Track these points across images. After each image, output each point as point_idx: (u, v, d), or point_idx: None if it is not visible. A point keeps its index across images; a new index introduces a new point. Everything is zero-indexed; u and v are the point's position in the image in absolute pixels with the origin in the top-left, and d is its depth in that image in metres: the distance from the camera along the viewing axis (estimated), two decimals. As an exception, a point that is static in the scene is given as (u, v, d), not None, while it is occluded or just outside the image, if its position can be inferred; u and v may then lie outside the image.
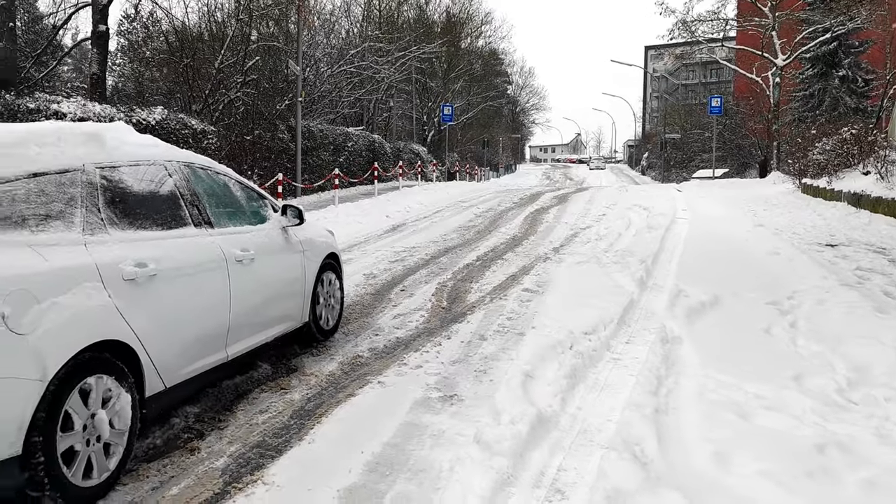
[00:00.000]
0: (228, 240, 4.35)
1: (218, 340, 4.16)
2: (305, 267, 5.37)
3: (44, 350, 2.82)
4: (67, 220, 3.21)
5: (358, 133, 24.10)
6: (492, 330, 6.03)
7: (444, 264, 9.35)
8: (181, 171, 4.17)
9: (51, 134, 3.43)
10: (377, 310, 6.82)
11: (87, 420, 3.08)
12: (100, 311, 3.17)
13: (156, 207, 3.84)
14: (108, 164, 3.59)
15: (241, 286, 4.35)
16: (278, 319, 4.97)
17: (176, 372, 3.74)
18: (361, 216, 14.50)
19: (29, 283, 2.85)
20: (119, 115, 11.57)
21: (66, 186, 3.26)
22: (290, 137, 18.31)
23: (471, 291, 7.64)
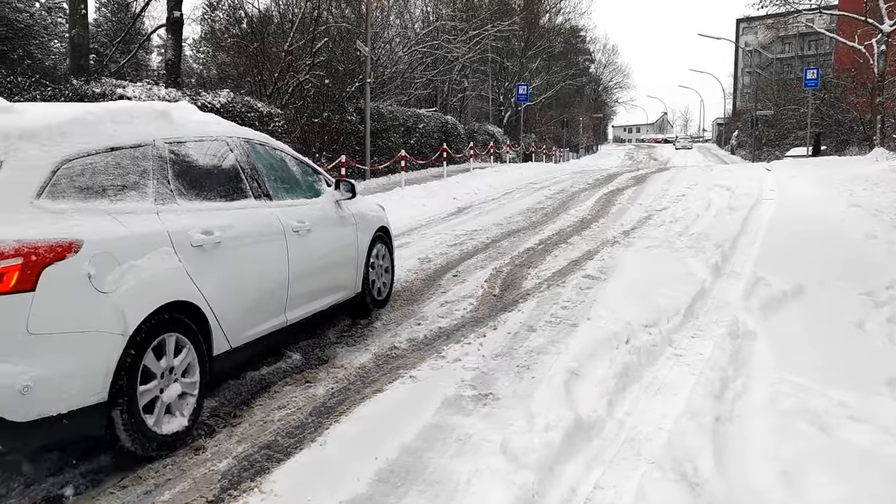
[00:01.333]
0: (286, 212, 4.55)
1: (278, 306, 4.38)
2: (358, 239, 5.53)
3: (124, 307, 3.09)
4: (141, 190, 3.47)
5: (430, 114, 23.77)
6: (543, 320, 5.56)
7: (504, 248, 8.90)
8: (241, 147, 4.40)
9: (125, 112, 3.67)
10: (425, 297, 6.46)
11: (162, 373, 3.39)
12: (172, 274, 3.44)
13: (219, 180, 4.08)
14: (175, 140, 3.83)
15: (299, 255, 4.56)
16: (333, 288, 5.18)
17: (240, 333, 3.99)
18: (427, 199, 14.17)
19: (111, 246, 3.11)
20: (184, 99, 11.61)
21: (139, 160, 3.52)
22: (359, 119, 18.15)
23: (527, 278, 7.17)
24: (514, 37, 37.59)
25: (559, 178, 20.69)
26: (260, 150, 4.66)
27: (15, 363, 2.73)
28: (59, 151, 3.14)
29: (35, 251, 2.81)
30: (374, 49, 22.03)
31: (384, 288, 6.13)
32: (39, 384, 2.78)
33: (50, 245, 2.88)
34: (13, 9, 21.13)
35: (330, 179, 5.51)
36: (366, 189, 16.71)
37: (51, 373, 2.83)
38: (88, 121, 3.41)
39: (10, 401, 2.71)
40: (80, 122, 3.36)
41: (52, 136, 3.17)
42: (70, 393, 2.91)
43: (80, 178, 3.19)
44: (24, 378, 2.74)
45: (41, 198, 3.01)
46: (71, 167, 3.17)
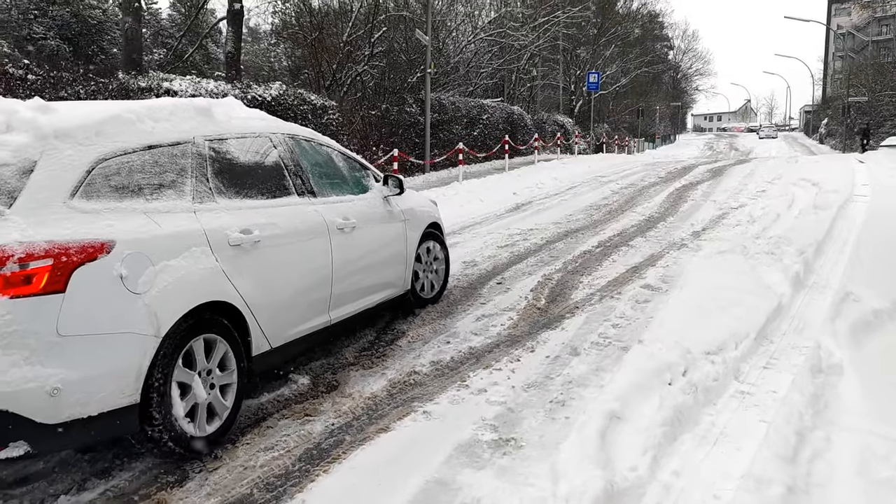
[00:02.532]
0: (330, 209, 4.44)
1: (321, 304, 4.29)
2: (406, 236, 5.39)
3: (157, 308, 3.04)
4: (179, 189, 3.41)
5: (494, 105, 23.03)
6: (589, 342, 4.87)
7: (559, 251, 8.19)
8: (285, 143, 4.32)
9: (164, 109, 3.62)
10: (461, 308, 5.85)
11: (197, 374, 3.31)
12: (208, 274, 3.36)
13: (260, 177, 4.01)
14: (216, 137, 3.77)
15: (343, 253, 4.45)
16: (380, 286, 5.04)
17: (281, 333, 3.92)
18: (485, 194, 13.53)
19: (144, 246, 3.06)
20: (233, 92, 11.35)
21: (177, 158, 3.46)
22: (419, 111, 17.63)
23: (578, 287, 6.46)
24: (586, 23, 36.30)
25: (630, 171, 19.65)
26: (305, 145, 4.58)
27: (44, 365, 2.69)
28: (94, 151, 3.11)
29: (66, 252, 2.78)
30: (436, 38, 21.47)
31: (435, 285, 5.96)
32: (69, 386, 2.74)
33: (81, 246, 2.84)
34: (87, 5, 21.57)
35: (378, 175, 5.33)
36: (424, 183, 16.21)
37: (80, 375, 2.79)
38: (125, 119, 3.34)
39: (40, 403, 2.67)
40: (117, 121, 3.30)
41: (88, 135, 3.13)
42: (100, 395, 2.86)
43: (115, 178, 3.15)
44: (53, 380, 2.70)
45: (75, 198, 2.96)
46: (106, 166, 3.13)
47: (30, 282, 2.68)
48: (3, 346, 2.61)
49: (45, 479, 3.19)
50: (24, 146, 2.92)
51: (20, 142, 2.94)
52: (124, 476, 3.20)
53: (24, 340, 2.65)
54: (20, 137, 2.95)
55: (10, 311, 2.63)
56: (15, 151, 2.90)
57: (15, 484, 3.17)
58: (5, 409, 2.61)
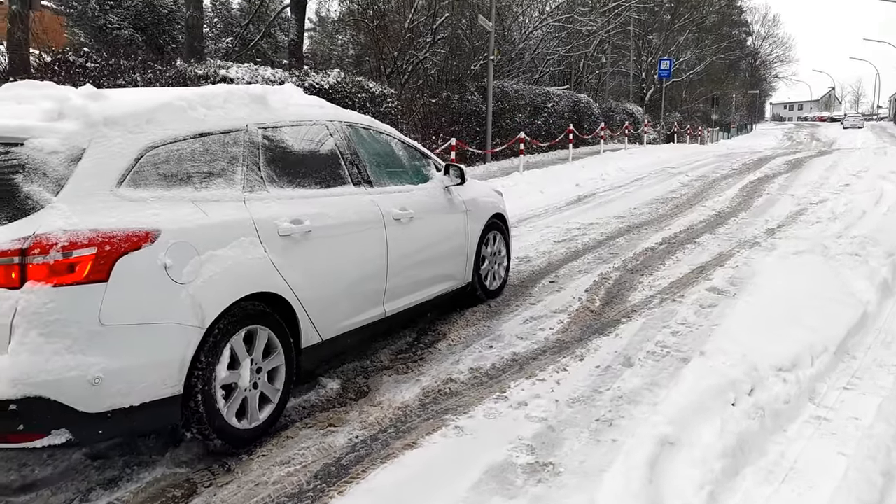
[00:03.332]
0: (387, 199, 4.32)
1: (375, 297, 4.19)
2: (468, 227, 5.24)
3: (202, 299, 2.97)
4: (229, 177, 3.34)
5: (560, 93, 22.37)
6: (644, 351, 4.46)
7: (619, 248, 7.71)
8: (343, 131, 4.20)
9: (218, 97, 3.54)
10: (509, 309, 5.50)
11: (243, 367, 3.23)
12: (256, 265, 3.29)
13: (315, 166, 3.90)
14: (270, 125, 3.69)
15: (399, 244, 4.34)
16: (439, 278, 4.91)
17: (332, 325, 3.83)
18: (546, 185, 13.07)
19: (190, 236, 2.99)
20: (291, 80, 11.23)
21: (229, 146, 3.39)
22: (481, 99, 17.23)
23: (637, 288, 6.01)
24: (659, 8, 35.02)
25: (701, 162, 18.80)
26: (363, 134, 4.46)
27: (86, 354, 2.66)
28: (143, 138, 3.05)
29: (109, 241, 2.74)
30: (501, 24, 20.98)
31: (498, 278, 5.79)
32: (111, 376, 2.71)
33: (125, 234, 2.79)
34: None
35: (440, 164, 5.17)
36: (485, 173, 15.84)
37: (122, 364, 2.75)
38: (177, 106, 3.27)
39: (81, 392, 2.65)
40: (168, 108, 3.23)
41: (138, 123, 3.07)
42: (142, 385, 2.81)
43: (164, 166, 3.08)
44: (95, 369, 2.67)
45: (122, 186, 2.91)
46: (155, 154, 3.06)
47: (73, 270, 2.64)
48: (45, 335, 2.58)
49: (51, 487, 3.02)
50: (73, 133, 2.87)
51: (69, 129, 2.88)
52: (130, 488, 3.01)
53: (66, 329, 2.62)
54: (70, 125, 2.90)
55: (52, 300, 2.59)
56: (64, 139, 2.85)
57: (21, 490, 3.02)
58: (47, 397, 2.58)
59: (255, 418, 3.33)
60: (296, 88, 4.44)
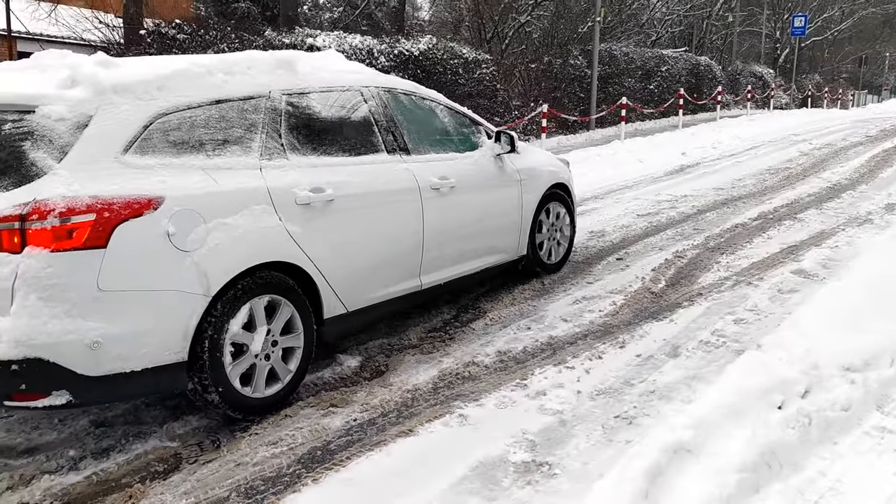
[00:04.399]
0: (425, 167, 4.15)
1: (409, 268, 4.05)
2: (522, 197, 4.96)
3: (208, 267, 2.96)
4: (245, 145, 3.29)
5: (676, 55, 21.04)
6: (697, 340, 4.02)
7: (706, 223, 7.09)
8: (379, 97, 4.07)
9: (241, 62, 3.52)
10: (562, 287, 5.16)
11: (259, 332, 3.21)
12: (268, 234, 3.23)
13: (344, 133, 3.79)
14: (297, 91, 3.60)
15: (438, 214, 4.16)
16: (486, 251, 4.69)
17: (359, 297, 3.74)
18: (647, 153, 12.31)
19: (196, 203, 2.96)
20: (379, 47, 11.14)
21: (248, 112, 3.33)
22: (586, 63, 16.47)
23: (712, 268, 5.47)
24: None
25: (832, 129, 17.13)
26: (403, 99, 4.28)
27: (85, 318, 2.69)
28: (154, 105, 3.03)
29: (109, 207, 2.74)
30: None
31: (556, 252, 5.48)
32: (110, 340, 2.73)
33: (126, 201, 2.78)
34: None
35: (491, 131, 4.88)
36: (586, 141, 15.24)
37: (122, 330, 2.76)
38: (193, 73, 3.25)
39: (80, 355, 2.68)
40: (183, 75, 3.22)
41: (149, 90, 3.06)
42: (143, 351, 2.83)
43: (175, 133, 3.06)
44: (93, 334, 2.69)
45: (128, 153, 2.90)
46: (166, 121, 3.04)
47: (71, 236, 2.66)
48: (44, 299, 2.62)
49: (48, 452, 3.08)
50: (81, 101, 2.88)
51: (78, 96, 2.89)
52: (119, 459, 3.01)
53: (64, 294, 2.65)
54: (79, 92, 2.91)
55: (50, 265, 2.63)
56: (72, 106, 2.86)
57: (23, 453, 3.09)
58: (47, 359, 2.63)
59: (271, 386, 3.31)
60: (337, 54, 4.35)
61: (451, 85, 12.38)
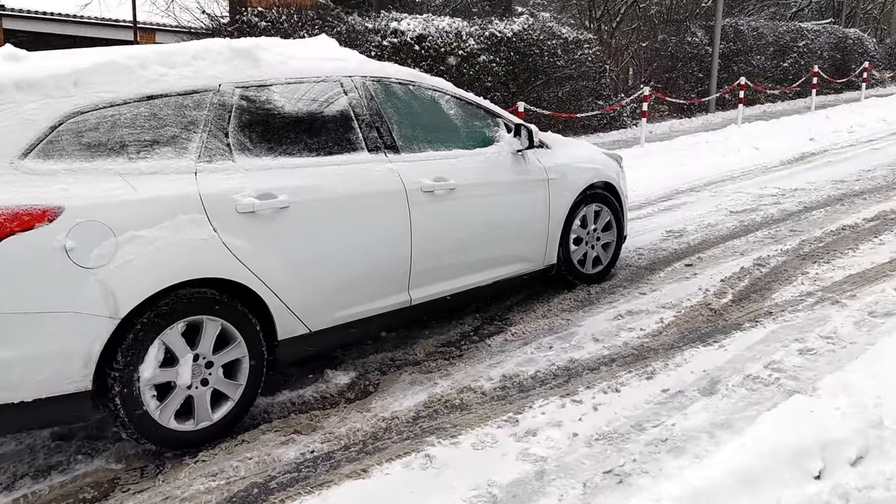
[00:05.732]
0: (416, 167, 3.67)
1: (394, 282, 3.60)
2: (550, 198, 4.37)
3: (116, 286, 2.65)
4: (180, 145, 2.95)
5: (818, 28, 18.96)
6: (744, 375, 3.34)
7: (808, 223, 6.14)
8: (364, 88, 3.63)
9: (186, 53, 3.16)
10: (607, 298, 4.55)
11: (183, 363, 2.87)
12: (199, 247, 2.87)
13: (312, 130, 3.37)
14: (255, 84, 3.24)
15: (430, 221, 3.69)
16: (500, 260, 4.16)
17: (325, 315, 3.35)
18: (766, 140, 11.10)
19: (104, 213, 2.66)
20: (469, 28, 10.67)
21: (187, 109, 3.01)
22: (707, 40, 15.15)
23: (794, 281, 4.65)
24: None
25: None
26: (397, 90, 3.80)
27: None
28: (67, 103, 2.73)
29: None
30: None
31: (597, 260, 4.84)
32: None
33: (14, 213, 2.48)
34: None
35: (512, 123, 4.30)
36: (703, 125, 14.06)
37: (8, 356, 2.49)
38: (120, 66, 2.92)
39: None
40: (108, 68, 2.89)
41: (63, 86, 2.75)
42: (35, 380, 2.55)
43: (90, 134, 2.75)
44: None
45: (28, 157, 2.61)
46: (81, 121, 2.74)
47: None
48: None
49: (-3, 466, 2.96)
50: None
51: None
52: (55, 480, 2.83)
53: None
54: None
55: None
56: None
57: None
58: None
59: (204, 418, 2.97)
60: (329, 41, 3.93)
61: (549, 67, 11.72)
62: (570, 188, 4.50)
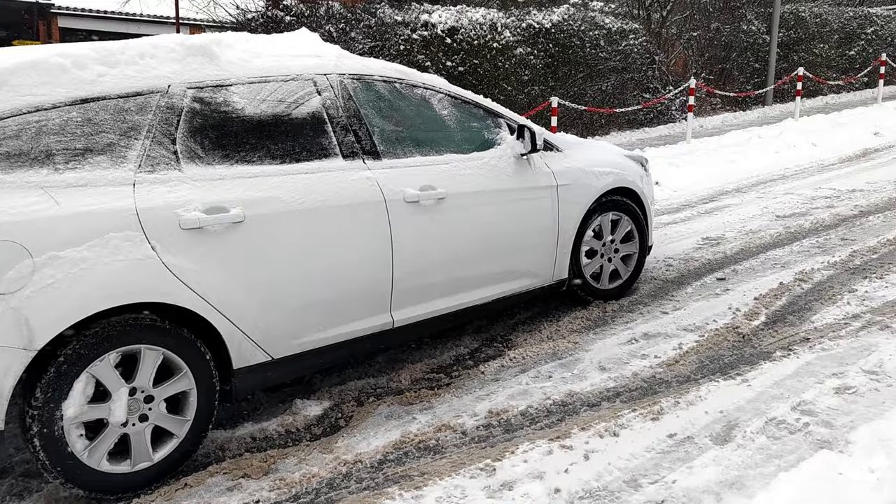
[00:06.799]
0: (400, 174, 3.30)
1: (370, 303, 3.23)
2: (560, 207, 3.95)
3: (32, 313, 2.37)
4: (118, 154, 2.65)
5: (889, 14, 17.74)
6: (767, 418, 2.88)
7: (863, 231, 5.53)
8: (340, 87, 3.27)
9: (132, 50, 2.85)
10: (623, 318, 4.10)
11: (117, 398, 2.58)
12: (134, 268, 2.57)
13: (277, 135, 3.03)
14: (211, 84, 2.91)
15: (416, 234, 3.32)
16: (500, 276, 3.74)
17: (289, 341, 3.01)
18: (825, 135, 10.30)
19: (17, 233, 2.37)
20: (505, 20, 10.21)
21: (129, 113, 2.71)
22: (765, 29, 14.28)
23: (839, 299, 4.11)
24: None
25: None
26: (381, 88, 3.42)
27: None
28: None
29: None
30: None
31: (615, 276, 4.39)
32: None
33: None
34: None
35: (515, 123, 3.86)
36: (759, 118, 13.27)
37: None
38: (50, 65, 2.63)
39: None
40: (34, 69, 2.60)
41: None
42: None
43: (10, 143, 2.47)
44: None
45: None
46: None
47: None
48: None
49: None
50: None
51: None
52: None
53: None
54: None
55: None
56: None
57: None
58: None
59: (143, 459, 2.66)
60: (309, 35, 3.58)
61: (591, 59, 11.16)
62: (584, 195, 4.06)
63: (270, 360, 2.98)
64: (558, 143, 4.10)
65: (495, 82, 10.20)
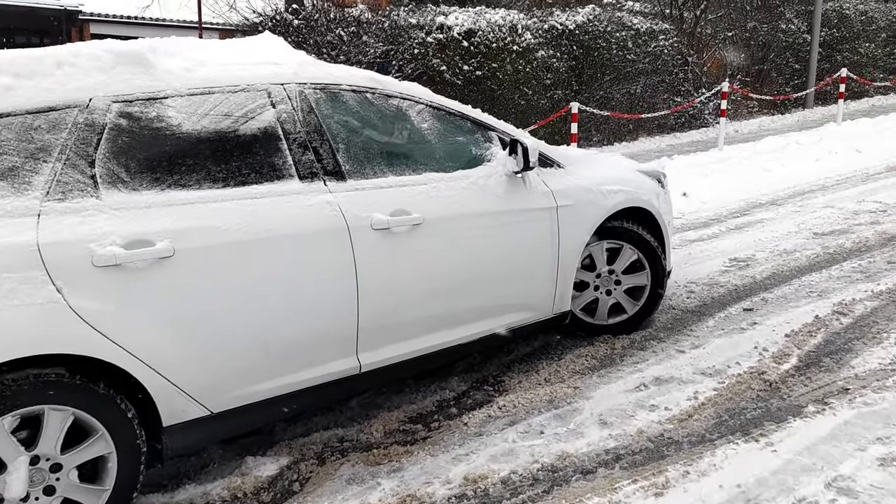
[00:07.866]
0: (369, 197, 2.88)
1: (333, 345, 2.84)
2: (559, 231, 3.49)
3: None
4: (21, 179, 2.29)
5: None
6: (795, 498, 2.38)
7: (913, 252, 4.95)
8: (300, 99, 2.87)
9: (48, 59, 2.50)
10: (633, 358, 3.62)
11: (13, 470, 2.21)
12: (31, 315, 2.19)
13: (220, 155, 2.65)
14: (142, 97, 2.54)
15: (385, 266, 2.90)
16: (487, 311, 3.30)
17: (231, 392, 2.62)
18: (870, 140, 9.64)
19: None
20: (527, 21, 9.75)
21: (38, 132, 2.36)
22: (805, 28, 13.55)
23: (884, 341, 3.57)
24: None
25: None
26: (348, 100, 3.00)
27: None
28: None
29: None
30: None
31: (623, 307, 3.90)
32: None
33: None
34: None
35: (508, 137, 3.39)
36: (799, 122, 12.56)
37: None
38: None
39: None
40: None
41: None
42: None
43: None
44: None
45: None
46: None
47: None
48: None
49: None
50: None
51: None
52: None
53: None
54: None
55: None
56: None
57: None
58: None
59: None
60: (272, 39, 3.20)
61: (618, 62, 10.63)
62: (588, 217, 3.60)
63: (210, 414, 2.58)
64: (559, 158, 3.65)
65: (516, 86, 9.73)
